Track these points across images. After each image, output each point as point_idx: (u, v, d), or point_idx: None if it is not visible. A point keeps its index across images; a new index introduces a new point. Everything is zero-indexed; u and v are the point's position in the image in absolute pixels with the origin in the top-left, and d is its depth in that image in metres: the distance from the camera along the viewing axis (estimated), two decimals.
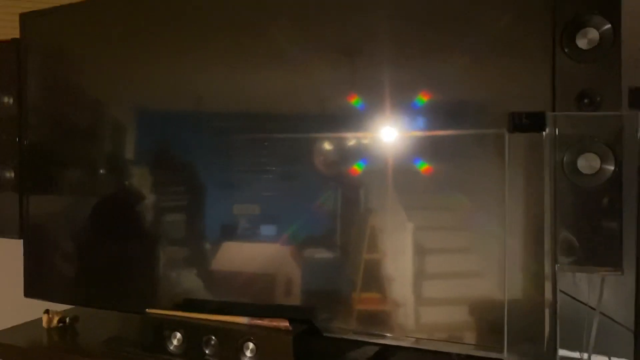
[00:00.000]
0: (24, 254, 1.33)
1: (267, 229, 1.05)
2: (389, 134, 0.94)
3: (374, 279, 0.95)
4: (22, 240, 1.33)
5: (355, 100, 0.96)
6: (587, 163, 0.73)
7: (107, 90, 1.23)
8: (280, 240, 1.03)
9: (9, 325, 1.30)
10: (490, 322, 0.86)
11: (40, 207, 1.32)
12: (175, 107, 1.15)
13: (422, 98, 0.90)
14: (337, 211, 0.99)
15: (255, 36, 1.05)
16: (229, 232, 1.08)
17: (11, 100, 1.33)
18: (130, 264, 1.20)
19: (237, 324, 0.97)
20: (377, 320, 0.95)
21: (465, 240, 0.90)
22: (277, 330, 0.93)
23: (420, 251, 0.93)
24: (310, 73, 1.01)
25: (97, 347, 1.11)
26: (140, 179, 1.21)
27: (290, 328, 0.92)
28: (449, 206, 0.91)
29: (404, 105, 0.92)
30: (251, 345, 0.93)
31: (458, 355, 0.87)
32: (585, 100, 0.76)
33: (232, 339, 0.95)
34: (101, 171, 1.25)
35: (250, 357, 0.94)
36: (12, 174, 1.37)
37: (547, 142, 0.75)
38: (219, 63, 1.10)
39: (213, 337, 0.97)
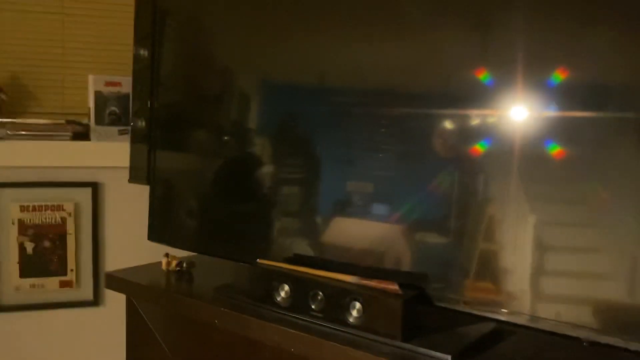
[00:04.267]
0: (150, 201, 1.40)
1: (379, 208, 1.02)
2: (519, 113, 0.85)
3: (488, 270, 0.88)
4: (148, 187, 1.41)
5: (483, 76, 0.88)
6: None
7: (235, 58, 1.26)
8: (391, 220, 0.98)
9: (132, 266, 1.39)
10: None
11: (167, 160, 1.38)
12: (298, 80, 1.15)
13: (559, 75, 0.81)
14: (453, 195, 0.92)
15: (380, 8, 1.00)
16: (342, 208, 1.06)
17: (147, 53, 1.41)
18: (246, 219, 1.22)
19: (346, 282, 0.95)
20: (492, 299, 0.88)
21: (597, 239, 0.80)
22: (386, 292, 0.89)
23: (542, 247, 0.84)
24: (436, 46, 0.95)
25: (209, 292, 1.15)
26: (261, 146, 1.22)
27: (400, 292, 0.88)
28: (581, 198, 0.81)
29: (538, 82, 0.84)
30: (358, 305, 0.90)
31: (585, 340, 0.78)
32: None
33: (340, 297, 0.92)
34: (225, 134, 1.28)
35: (356, 317, 0.91)
36: (144, 124, 1.45)
37: None
38: (344, 36, 1.07)
39: (320, 293, 0.95)
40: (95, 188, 1.59)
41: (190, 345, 1.21)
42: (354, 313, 0.91)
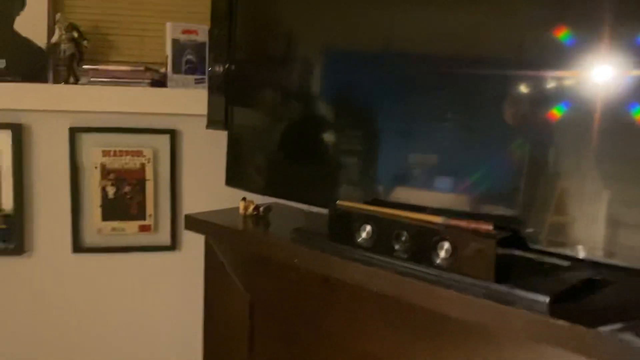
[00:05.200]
0: (227, 147, 1.41)
1: (444, 181, 0.97)
2: (602, 74, 0.78)
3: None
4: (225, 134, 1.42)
5: (562, 34, 0.80)
6: None
7: (301, 25, 1.23)
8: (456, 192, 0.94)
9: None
10: None
11: (244, 107, 1.38)
12: (361, 48, 1.11)
13: None
14: (524, 167, 0.86)
15: None
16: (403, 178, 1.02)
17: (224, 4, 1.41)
18: (324, 164, 1.20)
19: (433, 223, 0.91)
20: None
21: None
22: (478, 232, 0.85)
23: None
24: (509, 3, 0.87)
25: (287, 234, 1.14)
26: (325, 107, 1.19)
27: (494, 232, 0.83)
28: None
29: (625, 40, 0.76)
30: (446, 245, 0.87)
31: None
32: None
33: (426, 237, 0.89)
34: (295, 93, 1.26)
35: (443, 257, 0.87)
36: (221, 74, 1.45)
37: None
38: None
39: (405, 233, 0.92)
40: (173, 135, 1.61)
41: (268, 286, 1.22)
42: (442, 254, 0.87)
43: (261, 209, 1.33)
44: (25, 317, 1.63)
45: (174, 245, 1.65)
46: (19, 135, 1.53)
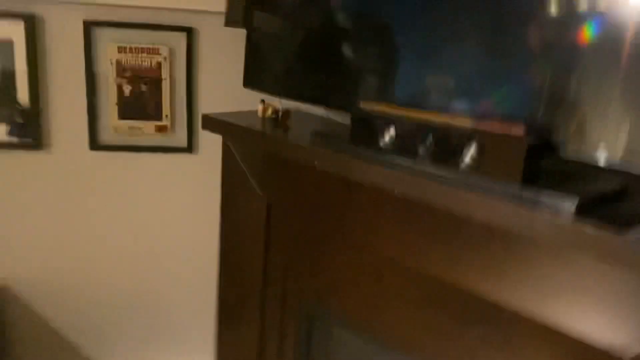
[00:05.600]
0: (246, 46, 1.36)
1: (462, 104, 0.92)
2: None
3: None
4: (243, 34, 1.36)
5: None
6: None
7: None
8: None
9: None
10: None
11: (264, 4, 1.31)
12: None
13: None
14: (543, 92, 0.80)
15: None
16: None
17: None
18: (344, 65, 1.15)
19: (460, 125, 0.88)
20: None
21: None
22: (507, 135, 0.81)
23: None
24: None
25: (307, 137, 1.12)
26: (348, 12, 1.12)
27: (525, 135, 0.80)
28: None
29: None
30: (473, 147, 0.84)
31: None
32: None
33: (453, 139, 0.86)
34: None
35: (470, 160, 0.84)
36: None
37: None
38: None
39: (430, 135, 0.89)
40: (190, 33, 1.55)
41: (285, 189, 1.21)
42: (468, 156, 0.85)
43: (280, 112, 1.30)
44: (43, 210, 1.66)
45: (190, 147, 1.64)
46: (32, 26, 1.49)
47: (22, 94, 1.53)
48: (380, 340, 1.11)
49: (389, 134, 0.96)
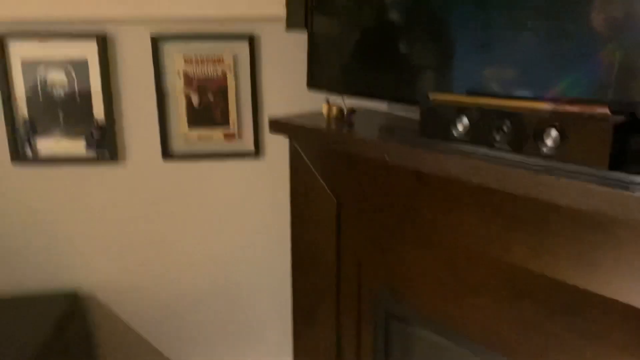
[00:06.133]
0: (308, 47, 1.37)
1: (536, 88, 0.88)
2: None
3: None
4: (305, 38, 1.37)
5: None
6: None
7: None
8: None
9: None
10: None
11: (325, 5, 1.32)
12: None
13: None
14: (620, 69, 0.75)
15: None
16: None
17: None
18: (409, 59, 1.13)
19: (539, 109, 0.85)
20: None
21: None
22: (591, 117, 0.78)
23: None
24: None
25: (375, 133, 1.11)
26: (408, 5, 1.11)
27: (610, 115, 0.76)
28: None
29: None
30: (554, 132, 0.81)
31: None
32: None
33: (530, 124, 0.83)
34: None
35: (551, 146, 0.81)
36: None
37: None
38: None
39: (506, 122, 0.87)
40: (252, 40, 1.58)
41: (355, 186, 1.21)
42: (549, 142, 0.82)
43: (345, 110, 1.31)
44: (121, 219, 1.73)
45: (257, 151, 1.67)
46: (104, 45, 1.56)
47: (98, 110, 1.61)
48: (461, 334, 1.08)
49: (462, 124, 0.94)
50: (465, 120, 0.94)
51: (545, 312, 0.90)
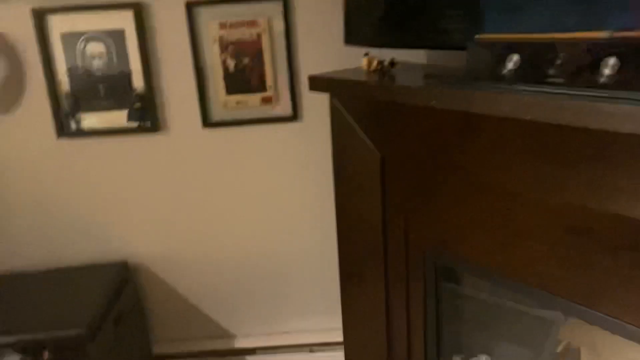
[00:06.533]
0: (344, 3, 1.34)
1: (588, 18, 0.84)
2: None
3: None
4: None
5: None
6: None
7: None
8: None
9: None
10: None
11: None
12: None
13: None
14: None
15: None
16: None
17: None
18: (449, 6, 1.10)
19: (594, 38, 0.81)
20: None
21: None
22: None
23: None
24: None
25: (419, 81, 1.09)
26: None
27: None
28: None
29: None
30: (612, 60, 0.77)
31: None
32: None
33: (587, 54, 0.80)
34: None
35: (609, 75, 0.78)
36: None
37: None
38: None
39: (559, 55, 0.84)
40: (285, 1, 1.57)
41: (399, 139, 1.20)
42: (607, 71, 0.79)
43: (385, 62, 1.29)
44: (164, 188, 1.75)
45: (295, 115, 1.66)
46: (140, 13, 1.56)
47: (137, 80, 1.62)
48: (515, 280, 1.07)
49: (512, 61, 0.91)
50: (515, 57, 0.91)
51: (607, 249, 0.88)
